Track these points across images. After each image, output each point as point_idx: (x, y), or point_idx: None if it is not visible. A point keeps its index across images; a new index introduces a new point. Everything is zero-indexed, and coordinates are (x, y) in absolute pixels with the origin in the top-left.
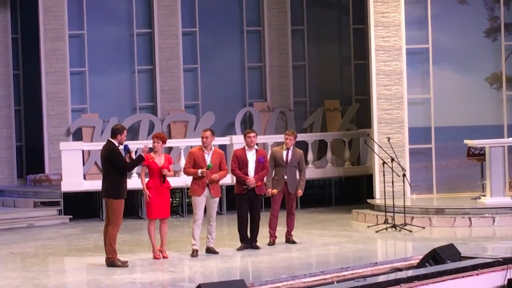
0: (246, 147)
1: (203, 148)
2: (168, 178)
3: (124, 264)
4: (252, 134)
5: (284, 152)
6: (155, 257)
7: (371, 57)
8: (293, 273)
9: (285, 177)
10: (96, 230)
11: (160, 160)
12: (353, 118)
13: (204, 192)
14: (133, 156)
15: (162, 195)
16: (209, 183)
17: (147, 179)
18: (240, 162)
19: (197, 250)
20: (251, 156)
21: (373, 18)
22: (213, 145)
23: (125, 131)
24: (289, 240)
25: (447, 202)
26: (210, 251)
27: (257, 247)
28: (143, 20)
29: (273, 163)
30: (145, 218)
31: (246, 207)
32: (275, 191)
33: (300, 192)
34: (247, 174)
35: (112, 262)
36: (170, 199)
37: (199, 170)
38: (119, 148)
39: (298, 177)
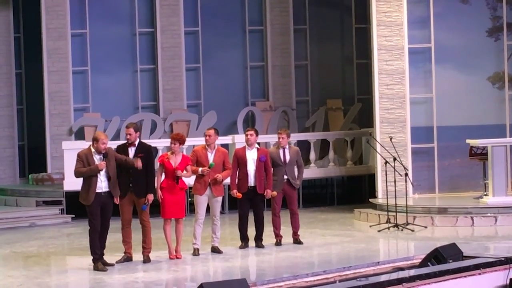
0: (247, 146)
1: (206, 146)
2: (183, 178)
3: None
4: (250, 132)
5: (281, 152)
6: (170, 257)
7: (373, 57)
8: (295, 273)
9: (285, 176)
10: None
11: (176, 160)
12: (355, 117)
13: (206, 191)
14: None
15: (176, 195)
16: (210, 184)
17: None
18: (240, 162)
19: (198, 249)
20: (251, 155)
21: (376, 17)
22: (217, 144)
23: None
24: (296, 240)
25: (449, 201)
26: (215, 250)
27: (262, 246)
28: (146, 19)
29: (270, 164)
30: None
31: (247, 206)
32: (274, 193)
33: (298, 184)
34: (246, 174)
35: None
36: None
37: (200, 168)
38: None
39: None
